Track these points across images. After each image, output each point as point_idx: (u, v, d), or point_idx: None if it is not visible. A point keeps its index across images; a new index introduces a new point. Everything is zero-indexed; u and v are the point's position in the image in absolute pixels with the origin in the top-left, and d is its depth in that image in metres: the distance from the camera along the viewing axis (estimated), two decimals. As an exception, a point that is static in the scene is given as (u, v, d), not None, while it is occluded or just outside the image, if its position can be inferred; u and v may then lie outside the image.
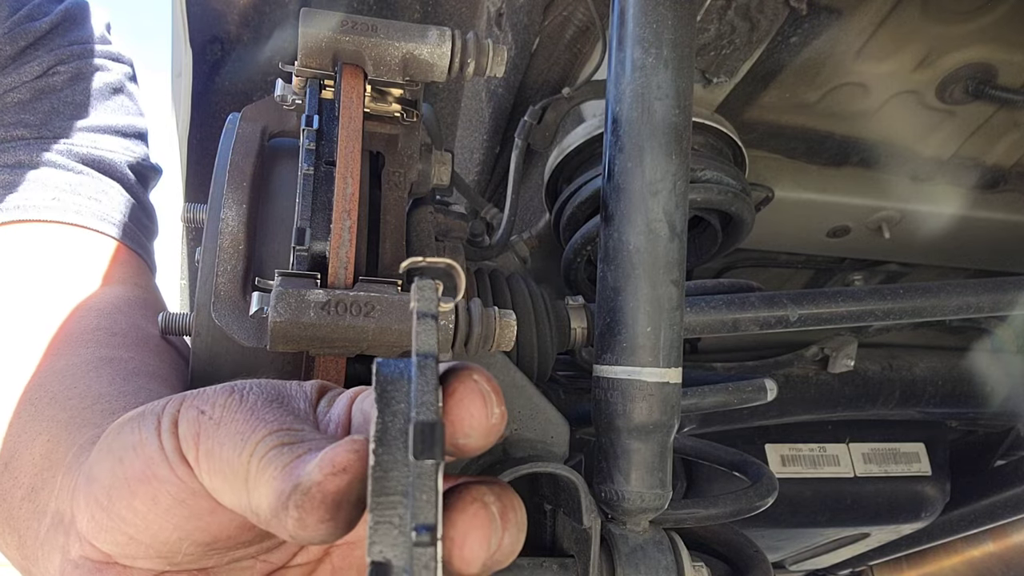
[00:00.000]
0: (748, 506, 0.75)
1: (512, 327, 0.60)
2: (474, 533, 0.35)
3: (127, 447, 0.41)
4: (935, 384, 1.47)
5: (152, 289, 0.88)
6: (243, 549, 0.44)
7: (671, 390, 0.67)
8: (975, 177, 1.23)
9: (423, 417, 0.33)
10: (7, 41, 0.85)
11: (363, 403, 0.41)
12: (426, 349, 0.35)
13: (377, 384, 0.35)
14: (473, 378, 0.37)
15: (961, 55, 1.05)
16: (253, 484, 0.37)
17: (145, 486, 0.40)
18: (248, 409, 0.39)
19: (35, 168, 0.84)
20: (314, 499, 0.34)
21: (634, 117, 0.67)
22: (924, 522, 1.55)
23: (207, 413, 0.40)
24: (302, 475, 0.35)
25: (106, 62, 0.93)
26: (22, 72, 0.86)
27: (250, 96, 1.22)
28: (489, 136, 1.25)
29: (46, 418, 0.59)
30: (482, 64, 0.65)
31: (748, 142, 1.07)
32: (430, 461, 0.32)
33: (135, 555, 0.42)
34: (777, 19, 0.97)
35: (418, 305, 0.37)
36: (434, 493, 0.32)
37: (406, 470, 0.33)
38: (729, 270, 1.41)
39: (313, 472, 0.35)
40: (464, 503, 0.35)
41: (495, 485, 0.37)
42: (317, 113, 0.61)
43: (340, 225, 0.56)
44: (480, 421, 0.36)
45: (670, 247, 0.67)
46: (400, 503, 0.33)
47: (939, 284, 0.94)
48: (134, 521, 0.41)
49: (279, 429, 0.38)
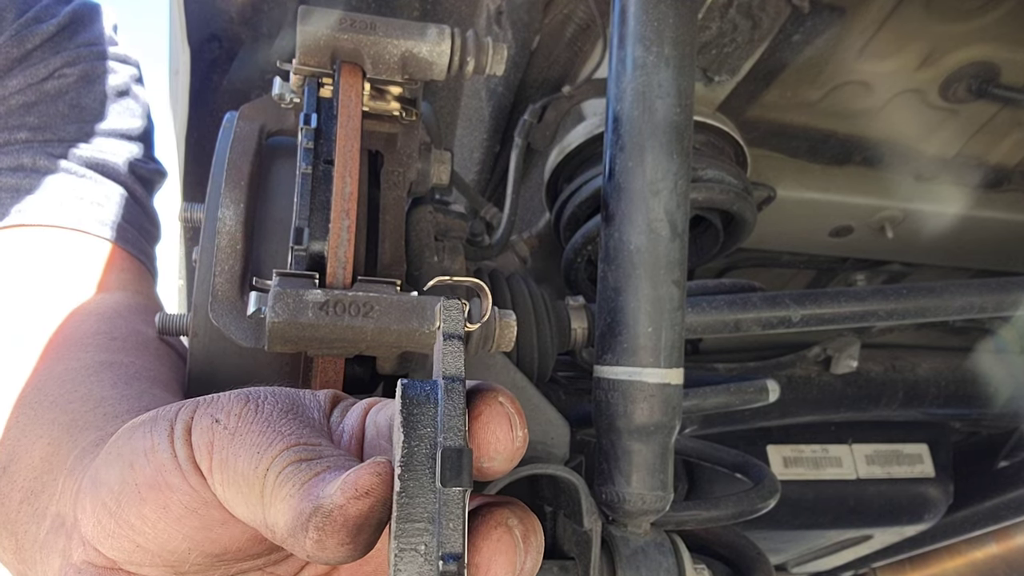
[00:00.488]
0: (750, 508, 0.75)
1: (512, 327, 0.59)
2: (499, 559, 0.35)
3: (138, 452, 0.41)
4: (938, 385, 1.46)
5: (152, 296, 0.87)
6: (251, 561, 0.43)
7: (672, 391, 0.66)
8: (979, 176, 1.23)
9: (451, 443, 0.33)
10: (14, 43, 0.85)
11: (377, 416, 0.41)
12: (453, 372, 0.35)
13: (403, 407, 0.35)
14: (499, 400, 0.37)
15: (964, 54, 1.04)
16: (269, 500, 0.36)
17: (156, 493, 0.39)
18: (264, 420, 0.39)
19: (38, 172, 0.83)
20: (335, 522, 0.34)
21: (635, 116, 0.66)
22: (927, 524, 1.55)
23: (222, 422, 0.39)
24: (323, 497, 0.34)
25: (113, 64, 0.93)
26: (28, 74, 0.85)
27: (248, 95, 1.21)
28: (489, 135, 1.24)
29: (46, 421, 0.58)
30: (482, 62, 0.64)
31: (750, 141, 1.07)
32: (457, 488, 0.32)
33: (141, 562, 0.41)
34: (779, 17, 0.96)
35: (444, 326, 0.36)
36: (461, 521, 0.32)
37: (432, 496, 0.33)
38: (731, 270, 1.41)
39: (335, 495, 0.34)
40: (488, 528, 0.35)
41: (517, 508, 0.37)
42: (315, 112, 0.60)
43: (339, 225, 0.55)
44: (506, 445, 0.36)
45: (671, 247, 0.66)
46: (426, 530, 0.32)
47: (942, 284, 0.93)
48: (143, 528, 0.40)
49: (296, 443, 0.37)
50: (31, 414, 0.60)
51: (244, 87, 1.22)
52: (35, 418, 0.59)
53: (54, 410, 0.59)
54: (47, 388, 0.62)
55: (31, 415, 0.60)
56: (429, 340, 0.52)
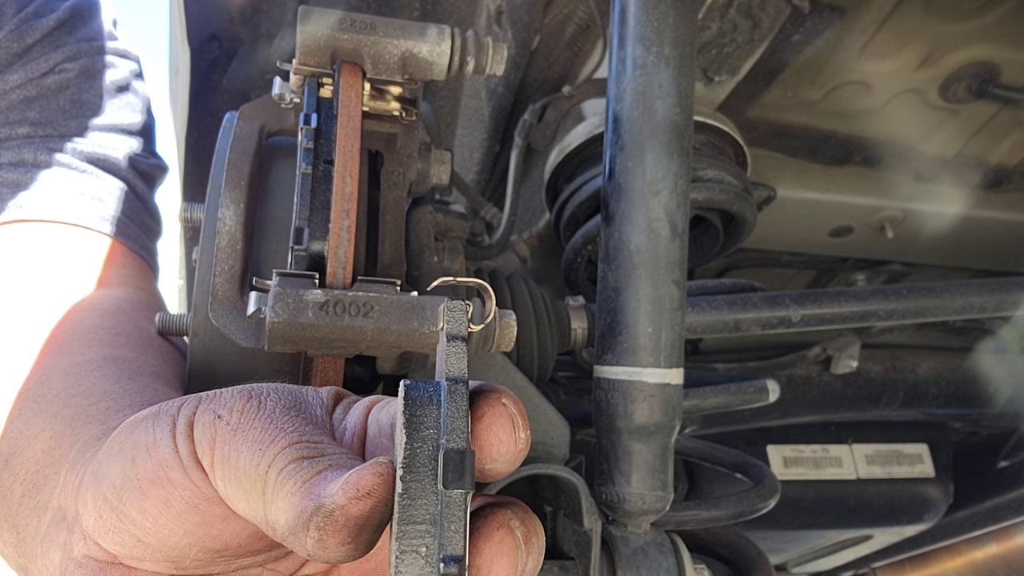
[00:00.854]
0: (750, 508, 0.75)
1: (512, 327, 0.59)
2: (500, 560, 0.35)
3: (140, 447, 0.41)
4: (938, 385, 1.46)
5: (154, 292, 0.88)
6: (252, 557, 0.43)
7: (672, 391, 0.66)
8: (979, 176, 1.23)
9: (453, 444, 0.33)
10: (14, 38, 0.85)
11: (379, 414, 0.41)
12: (456, 373, 0.35)
13: (406, 408, 0.35)
14: (502, 402, 0.37)
15: (964, 54, 1.04)
16: (271, 497, 0.36)
17: (157, 488, 0.40)
18: (266, 416, 0.39)
19: (39, 167, 0.83)
20: (337, 522, 0.34)
21: (635, 116, 0.66)
22: (927, 524, 1.55)
23: (224, 418, 0.39)
24: (324, 496, 0.34)
25: (113, 59, 0.92)
26: (28, 69, 0.85)
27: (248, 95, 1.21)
28: (489, 135, 1.24)
29: (49, 415, 0.58)
30: (482, 62, 0.64)
31: (750, 141, 1.07)
32: (459, 491, 0.32)
33: (142, 557, 0.41)
34: (779, 17, 0.96)
35: (448, 327, 0.36)
36: (463, 523, 0.32)
37: (434, 498, 0.33)
38: (731, 270, 1.41)
39: (337, 495, 0.34)
40: (490, 529, 0.35)
41: (519, 508, 0.37)
42: (315, 112, 0.60)
43: (339, 224, 0.55)
44: (509, 447, 0.36)
45: (671, 247, 0.66)
46: (427, 532, 0.32)
47: (942, 284, 0.93)
48: (143, 523, 0.40)
49: (299, 441, 0.37)
50: (34, 407, 0.60)
51: (244, 87, 1.22)
52: (38, 411, 0.59)
53: (57, 404, 0.59)
54: (51, 382, 0.62)
55: (34, 408, 0.60)
56: (429, 340, 0.52)
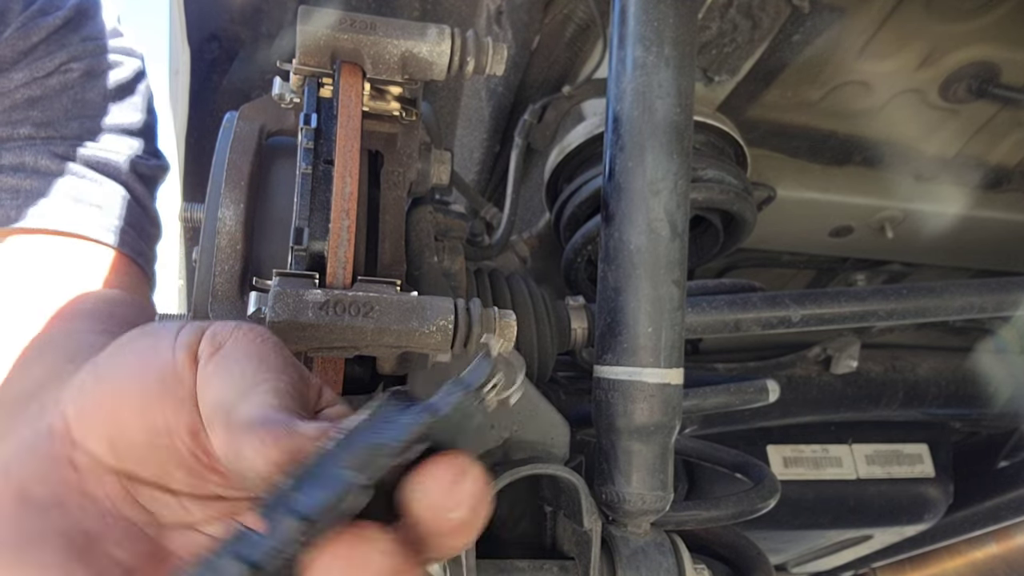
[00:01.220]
0: (750, 508, 0.75)
1: (512, 327, 0.59)
2: None
3: (138, 347, 0.44)
4: (938, 385, 1.46)
5: (148, 300, 0.88)
6: (181, 480, 0.43)
7: (672, 391, 0.66)
8: (979, 176, 1.23)
9: (360, 474, 0.32)
10: (19, 36, 0.84)
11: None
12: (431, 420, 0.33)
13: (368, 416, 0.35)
14: (455, 465, 0.35)
15: (964, 54, 1.04)
16: (246, 398, 0.38)
17: (143, 363, 0.42)
18: (273, 345, 0.42)
19: (38, 172, 0.83)
20: (288, 443, 0.36)
21: (635, 116, 0.66)
22: (927, 524, 1.55)
23: (219, 338, 0.42)
24: (297, 423, 0.37)
25: (118, 57, 0.92)
26: (33, 68, 0.85)
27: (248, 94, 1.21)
28: (489, 135, 1.24)
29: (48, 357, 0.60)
30: (482, 62, 0.64)
31: (750, 141, 1.07)
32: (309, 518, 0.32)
33: (91, 428, 0.42)
34: (779, 17, 0.96)
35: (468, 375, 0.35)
36: None
37: None
38: (731, 270, 1.41)
39: (309, 428, 0.37)
40: None
41: None
42: (315, 112, 0.60)
43: (339, 224, 0.55)
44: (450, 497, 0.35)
45: (671, 247, 0.66)
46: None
47: (942, 284, 0.93)
48: (116, 393, 0.42)
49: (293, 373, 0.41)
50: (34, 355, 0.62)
51: (244, 87, 1.22)
52: (37, 358, 0.62)
53: (56, 351, 0.61)
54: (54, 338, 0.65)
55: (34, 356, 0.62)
56: (429, 340, 0.52)
